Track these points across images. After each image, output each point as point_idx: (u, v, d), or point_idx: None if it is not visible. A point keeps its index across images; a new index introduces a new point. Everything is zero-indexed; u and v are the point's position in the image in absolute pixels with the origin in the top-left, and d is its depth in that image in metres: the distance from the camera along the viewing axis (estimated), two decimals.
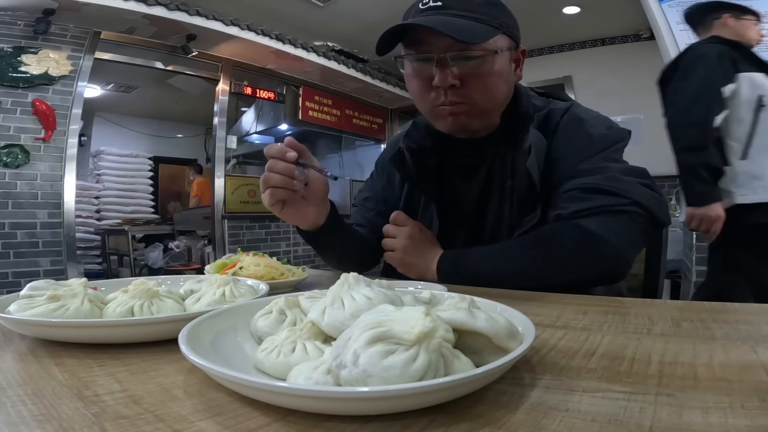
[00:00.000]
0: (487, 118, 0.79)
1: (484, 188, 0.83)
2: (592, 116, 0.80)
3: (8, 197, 2.79)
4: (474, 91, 0.73)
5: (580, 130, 0.76)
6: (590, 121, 0.78)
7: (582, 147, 0.75)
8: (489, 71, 0.72)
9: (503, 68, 0.74)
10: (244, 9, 3.66)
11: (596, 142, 0.75)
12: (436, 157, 0.86)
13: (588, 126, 0.77)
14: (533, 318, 0.36)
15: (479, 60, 0.71)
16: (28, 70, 2.85)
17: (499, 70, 0.73)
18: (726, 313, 0.49)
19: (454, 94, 0.73)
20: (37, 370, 0.36)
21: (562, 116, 0.79)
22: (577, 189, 0.70)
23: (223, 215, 3.82)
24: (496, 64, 0.73)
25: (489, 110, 0.78)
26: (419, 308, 0.28)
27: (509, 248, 0.72)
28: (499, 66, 0.73)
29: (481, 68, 0.72)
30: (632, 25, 3.98)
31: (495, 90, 0.75)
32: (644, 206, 0.67)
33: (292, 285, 0.72)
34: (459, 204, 0.84)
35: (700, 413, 0.26)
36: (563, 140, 0.76)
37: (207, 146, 5.95)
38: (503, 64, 0.74)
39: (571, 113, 0.79)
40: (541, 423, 0.25)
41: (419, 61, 0.74)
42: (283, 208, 0.71)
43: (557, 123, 0.78)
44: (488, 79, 0.73)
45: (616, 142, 0.76)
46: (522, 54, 0.80)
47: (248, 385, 0.26)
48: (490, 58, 0.72)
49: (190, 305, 0.49)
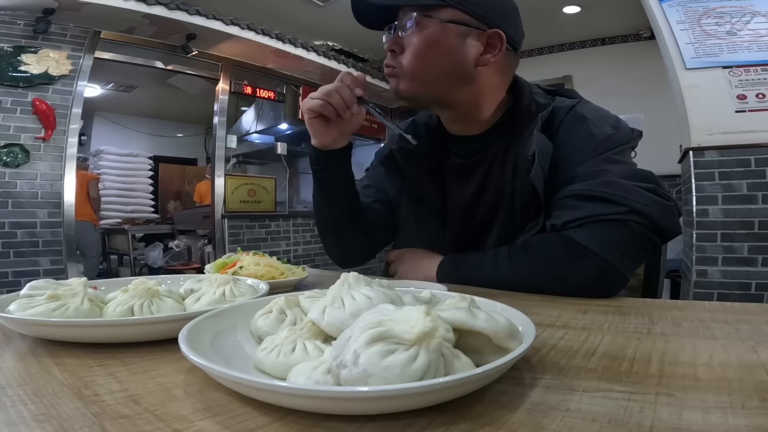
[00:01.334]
0: (421, 86, 0.76)
1: (480, 188, 0.81)
2: (598, 115, 0.75)
3: (8, 197, 2.79)
4: (404, 57, 0.75)
5: (583, 130, 0.73)
6: (595, 120, 0.73)
7: (582, 148, 0.71)
8: (420, 39, 0.73)
9: (440, 39, 0.73)
10: (244, 8, 3.65)
11: (599, 143, 0.70)
12: (435, 157, 0.85)
13: (591, 126, 0.72)
14: (533, 318, 0.36)
15: (410, 28, 0.73)
16: (28, 70, 2.85)
17: (436, 41, 0.73)
18: (726, 313, 0.49)
19: (391, 58, 0.77)
20: (37, 370, 0.36)
21: (566, 115, 0.75)
22: (570, 196, 0.67)
23: (223, 214, 3.82)
24: (427, 32, 0.72)
25: (418, 78, 0.76)
26: (419, 308, 0.28)
27: (500, 258, 0.70)
28: (433, 36, 0.72)
29: (414, 37, 0.73)
30: (632, 24, 3.98)
31: (422, 57, 0.74)
32: (644, 214, 0.61)
33: (292, 284, 0.72)
34: (455, 203, 0.83)
35: (700, 413, 0.26)
36: (565, 141, 0.72)
37: (207, 146, 5.95)
38: (442, 35, 0.73)
39: (574, 112, 0.75)
40: (541, 423, 0.25)
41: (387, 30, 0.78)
42: (316, 117, 0.75)
43: (560, 122, 0.74)
44: (415, 45, 0.73)
45: (622, 143, 0.71)
46: (499, 40, 0.74)
47: (248, 384, 0.26)
48: (423, 25, 0.72)
49: (189, 305, 0.49)
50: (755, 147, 2.12)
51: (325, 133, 0.77)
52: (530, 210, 0.72)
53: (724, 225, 2.15)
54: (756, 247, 2.08)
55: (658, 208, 0.62)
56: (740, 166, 2.14)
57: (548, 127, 0.74)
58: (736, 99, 2.22)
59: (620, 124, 0.74)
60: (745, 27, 2.33)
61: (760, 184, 2.10)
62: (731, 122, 2.20)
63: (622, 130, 0.73)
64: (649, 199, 0.62)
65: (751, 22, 2.32)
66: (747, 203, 2.11)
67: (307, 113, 0.75)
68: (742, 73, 2.25)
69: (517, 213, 0.75)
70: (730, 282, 2.12)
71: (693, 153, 2.22)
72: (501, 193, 0.78)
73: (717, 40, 2.34)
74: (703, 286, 2.16)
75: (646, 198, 0.62)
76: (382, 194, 0.93)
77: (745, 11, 2.35)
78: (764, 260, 2.07)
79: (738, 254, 2.12)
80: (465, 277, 0.72)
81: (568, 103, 0.77)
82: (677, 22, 2.42)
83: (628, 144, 0.72)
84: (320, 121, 0.75)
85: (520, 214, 0.75)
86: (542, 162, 0.69)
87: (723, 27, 2.36)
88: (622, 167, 0.68)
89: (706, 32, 2.37)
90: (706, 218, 2.18)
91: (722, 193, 2.16)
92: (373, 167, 1.00)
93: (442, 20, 0.72)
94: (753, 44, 2.29)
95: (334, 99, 0.73)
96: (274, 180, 4.21)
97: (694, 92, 2.30)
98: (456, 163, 0.84)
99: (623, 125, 0.75)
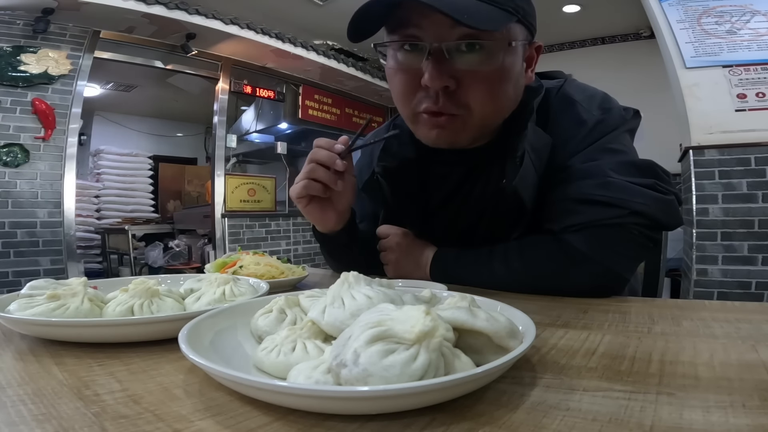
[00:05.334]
0: (482, 132, 0.66)
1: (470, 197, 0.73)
2: (586, 95, 0.68)
3: (8, 196, 2.79)
4: (473, 98, 0.58)
5: (571, 116, 0.66)
6: (582, 102, 0.67)
7: (574, 136, 0.64)
8: (497, 71, 0.57)
9: (515, 68, 0.59)
10: (244, 8, 3.65)
11: (590, 129, 0.64)
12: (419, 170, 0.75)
13: (580, 110, 0.66)
14: (533, 317, 0.36)
15: (486, 54, 0.56)
16: (28, 70, 2.85)
17: (510, 70, 0.59)
18: (726, 312, 0.49)
19: (448, 99, 0.58)
20: (37, 370, 0.36)
21: (554, 98, 0.68)
22: (568, 200, 0.62)
23: (223, 214, 3.82)
24: (506, 61, 0.57)
25: (487, 125, 0.64)
26: (419, 307, 0.28)
27: (495, 260, 0.66)
28: (511, 64, 0.58)
29: (487, 65, 0.56)
30: (632, 23, 3.98)
31: (501, 97, 0.60)
32: (644, 214, 0.58)
33: (292, 284, 0.72)
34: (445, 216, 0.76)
35: (700, 412, 0.26)
36: (556, 129, 0.66)
37: (207, 145, 5.94)
38: (515, 62, 0.59)
39: (561, 94, 0.68)
40: (541, 422, 0.25)
41: (406, 50, 0.59)
42: (309, 203, 0.68)
43: (551, 106, 0.68)
44: (495, 81, 0.58)
45: (615, 127, 0.65)
46: (537, 51, 0.65)
47: (248, 384, 0.26)
48: (500, 52, 0.56)
49: (189, 304, 0.49)
50: (755, 146, 2.12)
51: (324, 217, 0.72)
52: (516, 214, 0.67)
53: (724, 224, 2.15)
54: (756, 246, 2.08)
55: (658, 205, 0.59)
56: (740, 165, 2.14)
57: (543, 114, 0.67)
58: (736, 98, 2.22)
59: (611, 105, 0.67)
60: (745, 26, 2.33)
61: (760, 183, 2.10)
62: (731, 121, 2.20)
63: (613, 111, 0.66)
64: (648, 197, 0.59)
65: (751, 21, 2.32)
66: (747, 202, 2.12)
67: (298, 203, 0.68)
68: (742, 72, 2.25)
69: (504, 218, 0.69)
70: (730, 281, 2.12)
71: (693, 152, 2.22)
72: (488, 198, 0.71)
73: (717, 39, 2.34)
74: (704, 285, 2.16)
75: (646, 197, 0.59)
76: (370, 222, 0.85)
77: (745, 10, 2.35)
78: (764, 259, 2.07)
79: (738, 253, 2.12)
80: (459, 277, 0.68)
81: (555, 84, 0.70)
82: (677, 21, 2.42)
83: (623, 126, 0.66)
84: (315, 206, 0.69)
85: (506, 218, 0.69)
86: (535, 161, 0.63)
87: (723, 26, 2.36)
88: (618, 158, 0.62)
89: (705, 31, 2.37)
90: (706, 217, 2.18)
91: (722, 192, 2.16)
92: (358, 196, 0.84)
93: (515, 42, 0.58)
94: (753, 43, 2.29)
95: (317, 173, 0.64)
96: (274, 179, 4.22)
97: (694, 91, 2.30)
98: (441, 172, 0.75)
99: (614, 105, 0.68)
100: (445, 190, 0.75)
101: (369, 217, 0.87)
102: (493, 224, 0.71)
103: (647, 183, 0.60)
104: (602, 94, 0.70)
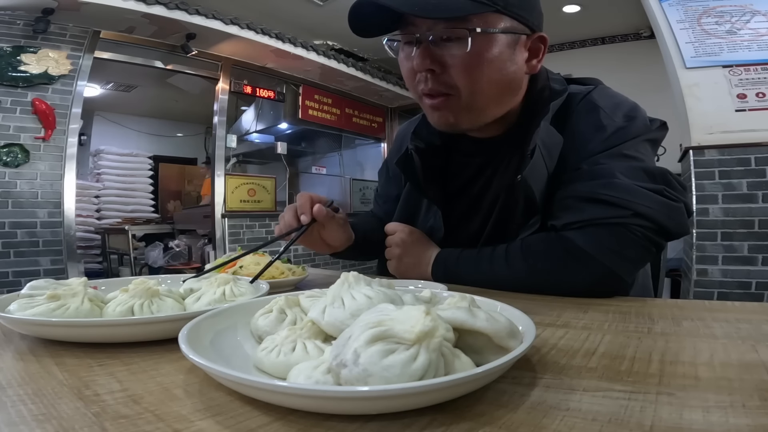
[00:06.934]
0: (480, 114, 0.69)
1: (487, 188, 0.78)
2: (613, 103, 0.69)
3: (8, 197, 2.79)
4: (458, 80, 0.64)
5: (592, 120, 0.68)
6: (607, 109, 0.68)
7: (590, 140, 0.66)
8: (474, 56, 0.62)
9: (497, 55, 0.64)
10: (244, 8, 3.65)
11: (609, 135, 0.66)
12: (443, 157, 0.82)
13: (602, 116, 0.67)
14: (534, 317, 0.36)
15: (461, 41, 0.62)
16: (28, 70, 2.85)
17: (489, 55, 0.63)
18: (726, 312, 0.49)
19: (435, 80, 0.65)
20: (37, 370, 0.36)
21: (579, 103, 0.70)
22: (572, 197, 0.63)
23: (223, 214, 3.82)
24: (483, 47, 0.62)
25: (478, 105, 0.67)
26: (419, 307, 0.28)
27: (496, 259, 0.68)
28: (488, 50, 0.63)
29: (461, 50, 0.62)
30: (632, 23, 3.98)
31: (483, 80, 0.64)
32: (647, 217, 0.59)
33: (292, 284, 0.72)
34: (462, 204, 0.81)
35: (700, 412, 0.26)
36: (574, 131, 0.68)
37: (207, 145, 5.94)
38: (496, 49, 0.63)
39: (587, 99, 0.70)
40: (541, 422, 0.25)
41: (405, 43, 0.68)
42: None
43: (573, 111, 0.69)
44: (473, 65, 0.63)
45: (634, 135, 0.66)
46: (542, 42, 0.69)
47: (248, 384, 0.26)
48: (475, 39, 0.61)
49: (190, 304, 0.49)
50: (755, 146, 2.13)
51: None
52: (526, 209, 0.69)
53: (724, 224, 2.15)
54: (756, 246, 2.09)
55: (663, 210, 0.59)
56: (740, 165, 2.14)
57: (562, 117, 0.69)
58: (736, 98, 2.22)
59: (637, 114, 0.69)
60: (745, 26, 2.33)
61: (761, 183, 2.10)
62: (731, 121, 2.20)
63: (637, 120, 0.68)
64: (653, 200, 0.59)
65: (751, 21, 2.32)
66: (747, 202, 2.12)
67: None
68: (742, 72, 2.25)
69: (516, 211, 0.71)
70: (730, 281, 2.12)
71: (693, 152, 2.22)
72: (501, 191, 0.75)
73: (717, 39, 2.34)
74: (704, 285, 2.16)
75: (651, 200, 0.59)
76: (394, 203, 0.93)
77: (745, 10, 2.35)
78: (764, 259, 2.07)
79: (738, 253, 2.12)
80: (460, 278, 0.71)
81: (582, 90, 0.72)
82: (677, 21, 2.42)
83: (644, 136, 0.67)
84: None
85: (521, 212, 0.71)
86: (546, 158, 0.65)
87: (723, 26, 2.36)
88: (629, 164, 0.63)
89: (706, 31, 2.37)
90: (706, 217, 2.18)
91: (722, 192, 2.16)
92: (381, 174, 1.04)
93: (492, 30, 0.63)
94: (753, 43, 2.29)
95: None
96: (274, 179, 4.21)
97: (694, 91, 2.30)
98: (464, 162, 0.81)
99: (640, 115, 0.69)
100: (464, 177, 0.82)
101: (393, 199, 0.95)
102: (505, 217, 0.74)
103: (656, 188, 0.61)
104: (632, 103, 0.71)
